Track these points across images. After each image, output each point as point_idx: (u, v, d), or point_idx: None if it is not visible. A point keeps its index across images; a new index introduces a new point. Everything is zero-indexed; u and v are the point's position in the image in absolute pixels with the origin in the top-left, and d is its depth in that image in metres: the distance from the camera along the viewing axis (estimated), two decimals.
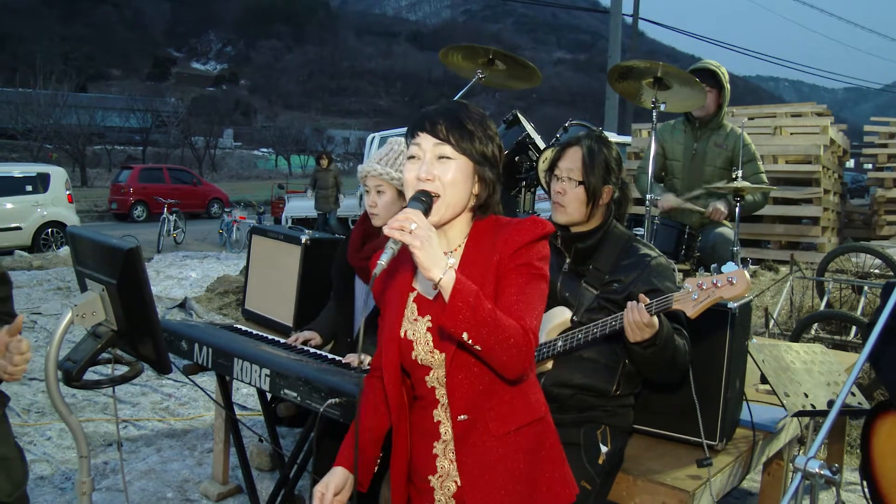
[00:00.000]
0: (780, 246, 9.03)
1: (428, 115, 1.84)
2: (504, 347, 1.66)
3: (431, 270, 1.62)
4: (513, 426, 1.82)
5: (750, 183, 4.28)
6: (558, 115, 35.17)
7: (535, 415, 1.87)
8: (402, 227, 1.64)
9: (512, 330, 1.66)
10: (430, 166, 1.79)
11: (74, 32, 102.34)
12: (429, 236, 1.63)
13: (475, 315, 1.61)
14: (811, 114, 9.98)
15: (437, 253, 1.63)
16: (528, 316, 1.72)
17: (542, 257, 1.80)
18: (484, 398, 1.81)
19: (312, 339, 3.33)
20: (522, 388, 1.85)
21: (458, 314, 1.61)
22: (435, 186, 1.79)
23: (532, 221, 1.81)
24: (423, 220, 1.66)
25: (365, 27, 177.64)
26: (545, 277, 1.81)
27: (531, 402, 1.87)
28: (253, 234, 4.50)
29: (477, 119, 1.84)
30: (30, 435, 4.67)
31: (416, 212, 1.69)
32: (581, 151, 2.61)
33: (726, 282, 2.22)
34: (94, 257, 2.19)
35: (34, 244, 14.96)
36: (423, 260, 1.62)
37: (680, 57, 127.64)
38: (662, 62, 3.94)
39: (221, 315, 8.08)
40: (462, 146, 1.80)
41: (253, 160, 63.11)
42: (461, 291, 1.61)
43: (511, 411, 1.83)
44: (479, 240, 1.86)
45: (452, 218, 1.84)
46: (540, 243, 1.80)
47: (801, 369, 2.99)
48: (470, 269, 1.81)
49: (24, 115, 40.91)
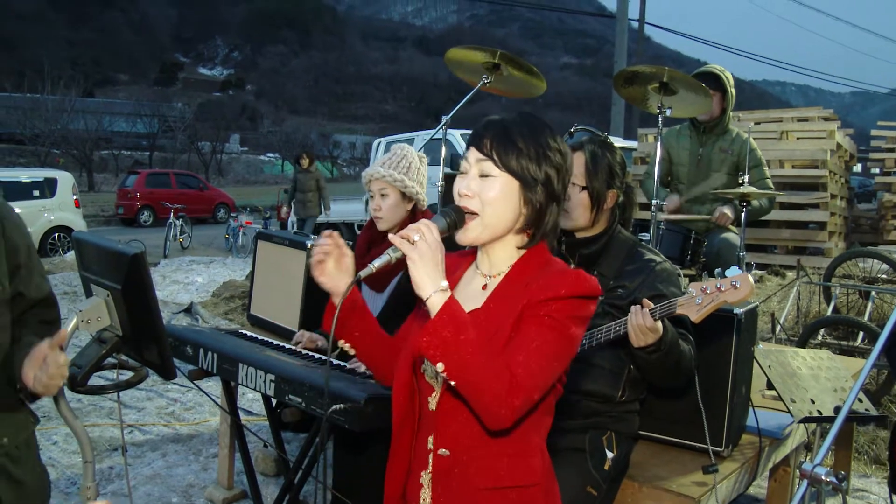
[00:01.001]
0: (787, 251, 9.03)
1: (481, 127, 1.73)
2: (481, 393, 1.52)
3: (421, 287, 1.54)
4: (497, 484, 1.67)
5: (756, 188, 4.27)
6: (564, 119, 35.08)
7: (525, 481, 1.69)
8: (408, 236, 1.56)
9: (497, 378, 1.52)
10: (471, 181, 1.69)
11: (82, 38, 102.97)
12: (429, 252, 1.55)
13: (455, 346, 1.50)
14: (818, 118, 9.97)
15: (433, 271, 1.55)
16: (530, 370, 1.55)
17: (575, 316, 1.63)
18: (471, 441, 1.68)
19: (319, 340, 3.32)
20: (519, 448, 1.69)
21: (435, 341, 1.51)
22: (474, 204, 1.68)
23: (577, 276, 1.65)
24: (432, 235, 1.57)
25: (371, 32, 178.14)
26: (572, 339, 1.63)
27: (525, 467, 1.70)
28: (258, 239, 4.50)
29: (530, 135, 1.69)
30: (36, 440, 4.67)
31: (431, 225, 1.60)
32: (584, 156, 2.59)
33: (730, 286, 2.21)
34: (99, 263, 2.20)
35: (41, 249, 14.98)
36: (415, 275, 1.54)
37: (686, 61, 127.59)
38: (668, 67, 3.94)
39: (227, 320, 8.08)
40: (506, 163, 1.67)
41: (259, 165, 63.22)
42: (446, 316, 1.52)
43: (498, 467, 1.68)
44: (521, 273, 1.72)
45: (492, 240, 1.73)
46: (579, 301, 1.63)
47: (807, 375, 2.98)
48: (500, 301, 1.70)
49: (31, 120, 41.13)
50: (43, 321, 2.14)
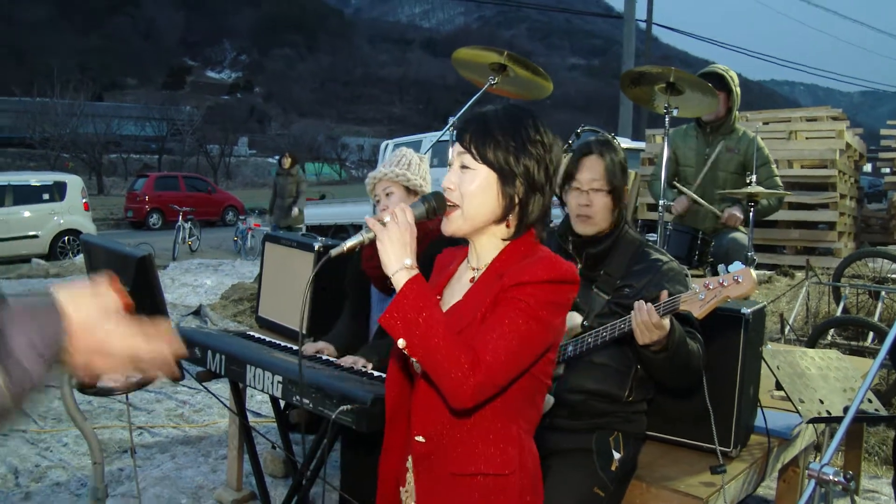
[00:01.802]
0: (796, 251, 9.00)
1: (466, 121, 1.77)
2: (442, 369, 1.54)
3: (387, 266, 1.60)
4: (470, 470, 1.67)
5: (764, 187, 4.26)
6: (572, 120, 35.16)
7: (500, 468, 1.67)
8: (381, 218, 1.63)
9: (457, 357, 1.53)
10: (452, 174, 1.73)
11: (90, 43, 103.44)
12: (398, 233, 1.61)
13: (415, 324, 1.54)
14: (826, 118, 9.93)
15: (399, 251, 1.60)
16: (493, 351, 1.55)
17: (547, 302, 1.62)
18: (444, 426, 1.69)
19: (325, 349, 3.32)
20: (495, 436, 1.68)
21: (398, 315, 1.56)
22: (454, 196, 1.72)
23: (551, 261, 1.67)
24: (404, 217, 1.64)
25: (378, 35, 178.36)
26: (543, 324, 1.62)
27: (499, 454, 1.68)
28: (266, 241, 4.52)
29: (510, 127, 1.70)
30: (46, 441, 4.70)
31: (406, 209, 1.66)
32: (602, 160, 2.58)
33: (732, 281, 2.20)
34: (108, 265, 2.22)
35: (51, 252, 15.06)
36: (381, 254, 1.61)
37: (693, 61, 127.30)
38: (674, 67, 3.93)
39: (236, 322, 8.10)
40: (483, 155, 1.69)
41: (267, 168, 63.24)
42: (409, 294, 1.57)
43: (471, 453, 1.68)
44: (503, 261, 1.73)
45: (473, 231, 1.74)
46: (552, 286, 1.63)
47: (816, 375, 2.97)
48: (478, 291, 1.72)
49: (41, 125, 41.36)
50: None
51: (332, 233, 15.72)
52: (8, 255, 14.35)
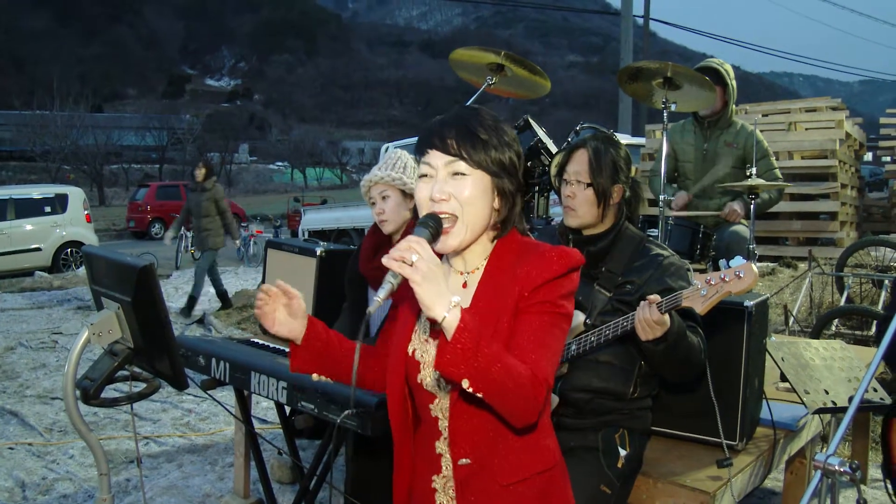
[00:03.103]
0: (799, 242, 8.98)
1: (436, 128, 1.68)
2: (509, 398, 1.51)
3: (433, 309, 1.45)
4: (522, 475, 1.68)
5: (764, 180, 4.25)
6: (572, 118, 35.21)
7: (547, 464, 1.72)
8: (403, 258, 1.47)
9: (520, 379, 1.50)
10: (443, 184, 1.64)
11: (90, 53, 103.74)
12: (431, 270, 1.46)
13: (477, 361, 1.45)
14: (826, 108, 9.91)
15: (440, 288, 1.46)
16: (543, 360, 1.56)
17: (566, 293, 1.64)
18: (491, 443, 1.67)
19: None
20: (534, 434, 1.70)
21: (458, 359, 1.45)
22: (451, 206, 1.63)
23: (559, 254, 1.64)
24: (427, 250, 1.48)
25: (377, 38, 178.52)
26: (567, 316, 1.65)
27: (542, 450, 1.72)
28: (268, 247, 4.52)
29: (490, 125, 1.67)
30: (53, 454, 4.70)
31: (420, 240, 1.50)
32: (587, 153, 2.59)
33: (734, 276, 2.20)
34: (109, 276, 2.22)
35: (54, 264, 15.08)
36: (423, 297, 1.45)
37: (692, 56, 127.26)
38: (671, 62, 3.93)
39: (240, 329, 8.12)
40: (476, 159, 1.63)
41: (269, 174, 63.53)
42: (465, 332, 1.45)
43: (520, 460, 1.68)
44: (499, 262, 1.70)
45: (474, 240, 1.69)
46: (566, 277, 1.63)
47: (820, 366, 2.97)
48: (487, 297, 1.67)
49: (41, 137, 41.49)
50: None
51: (334, 237, 15.73)
52: (11, 269, 14.37)
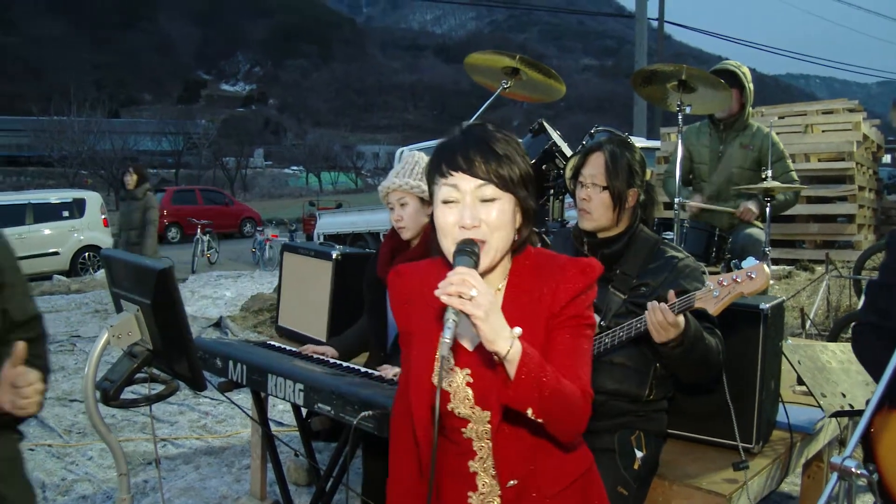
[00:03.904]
0: (816, 245, 8.93)
1: (458, 149, 1.62)
2: (567, 418, 1.57)
3: (496, 343, 1.45)
4: (564, 483, 1.72)
5: (780, 182, 4.24)
6: (586, 122, 35.09)
7: (584, 467, 1.78)
8: (461, 293, 1.43)
9: (574, 398, 1.56)
10: (472, 209, 1.59)
11: (106, 60, 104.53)
12: (491, 303, 1.44)
13: (542, 391, 1.49)
14: (843, 110, 9.84)
15: (501, 322, 1.46)
16: (584, 375, 1.61)
17: (590, 304, 1.68)
18: (532, 457, 1.69)
19: (326, 353, 3.31)
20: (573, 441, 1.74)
21: (527, 392, 1.49)
22: (482, 233, 1.59)
23: (581, 268, 1.66)
24: (482, 284, 1.45)
25: (391, 42, 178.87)
26: (593, 325, 1.71)
27: (578, 454, 1.77)
28: (284, 251, 4.55)
29: (505, 140, 1.65)
30: (71, 455, 4.74)
31: (474, 273, 1.47)
32: (603, 156, 2.59)
33: (746, 277, 2.21)
34: (129, 278, 2.24)
35: (72, 268, 15.19)
36: (487, 332, 1.44)
37: (707, 58, 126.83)
38: (686, 64, 3.93)
39: (256, 333, 8.14)
40: (505, 183, 1.60)
41: (284, 178, 63.76)
42: (528, 365, 1.47)
43: (562, 469, 1.72)
44: (519, 280, 1.69)
45: (498, 263, 1.67)
46: (587, 293, 1.66)
47: (837, 369, 2.96)
48: (514, 318, 1.57)
49: (59, 143, 41.83)
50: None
51: (349, 241, 15.76)
52: (29, 273, 14.44)
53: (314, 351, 3.31)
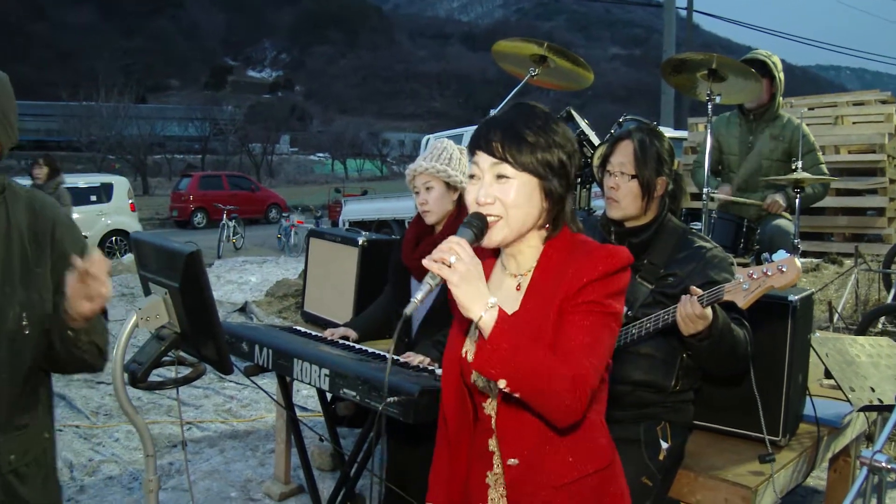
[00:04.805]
0: (844, 238, 8.83)
1: (483, 129, 1.66)
2: (549, 399, 1.52)
3: (470, 310, 1.50)
4: (574, 476, 1.66)
5: (810, 174, 4.20)
6: (614, 111, 34.85)
7: (601, 463, 1.71)
8: (443, 259, 1.50)
9: (560, 380, 1.50)
10: (488, 188, 1.63)
11: (134, 46, 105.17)
12: (468, 271, 1.49)
13: (514, 361, 1.48)
14: (874, 101, 9.70)
15: (478, 290, 1.50)
16: (586, 361, 1.54)
17: (613, 292, 1.61)
18: (539, 443, 1.66)
19: (347, 335, 3.33)
20: (585, 434, 1.68)
21: (494, 360, 1.49)
22: (496, 209, 1.63)
23: (607, 253, 1.62)
24: (466, 251, 1.51)
25: (417, 30, 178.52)
26: (615, 315, 1.63)
27: (596, 449, 1.71)
28: (311, 237, 4.56)
29: (538, 126, 1.64)
30: (98, 437, 4.80)
31: (461, 241, 1.53)
32: (632, 145, 2.57)
33: (777, 270, 2.17)
34: (157, 262, 2.25)
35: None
36: (461, 298, 1.50)
37: (736, 48, 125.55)
38: (717, 53, 3.89)
39: (281, 318, 8.18)
40: (522, 162, 1.62)
41: (309, 165, 63.93)
42: (501, 334, 1.48)
43: (572, 460, 1.67)
44: (549, 263, 1.68)
45: (518, 239, 1.68)
46: (614, 277, 1.61)
47: (866, 363, 2.93)
48: (536, 298, 1.66)
49: (87, 128, 42.18)
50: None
51: (374, 228, 15.78)
52: None
53: (332, 333, 3.33)
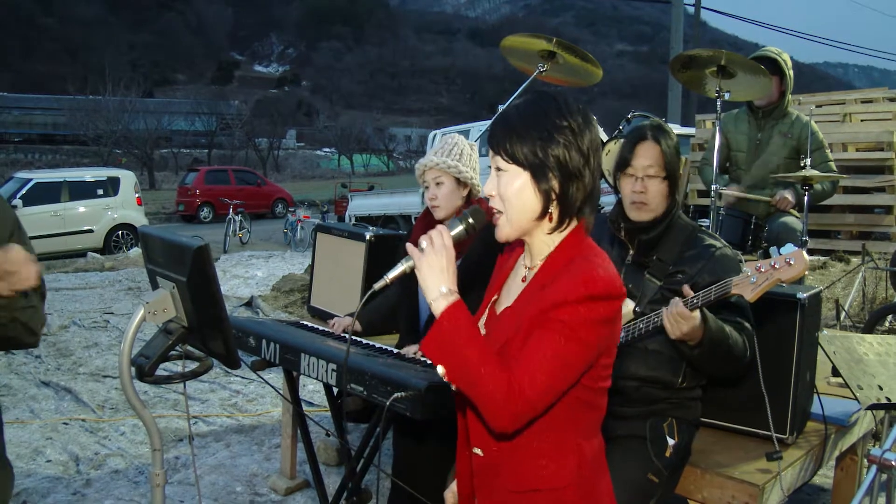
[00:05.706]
0: (852, 236, 8.80)
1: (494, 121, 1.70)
2: (478, 396, 1.52)
3: (427, 294, 1.58)
4: (526, 486, 1.64)
5: (818, 171, 4.18)
6: (621, 107, 34.80)
7: (556, 483, 1.63)
8: (420, 244, 1.59)
9: (493, 384, 1.49)
10: (491, 181, 1.66)
11: (141, 40, 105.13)
12: (433, 259, 1.57)
13: (453, 351, 1.52)
14: (882, 99, 9.67)
15: (438, 278, 1.56)
16: (529, 376, 1.50)
17: (591, 320, 1.53)
18: (499, 443, 1.65)
19: (350, 325, 3.34)
20: (552, 450, 1.63)
21: (434, 345, 1.55)
22: (496, 203, 1.65)
23: (584, 279, 1.55)
24: (441, 240, 1.59)
25: (424, 25, 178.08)
26: (581, 342, 1.53)
27: (555, 469, 1.63)
28: (318, 231, 4.57)
29: (533, 119, 1.61)
30: (104, 430, 4.81)
31: (444, 231, 1.62)
32: (657, 146, 2.53)
33: (784, 263, 2.17)
34: (165, 255, 2.24)
35: (105, 246, 15.38)
36: (420, 281, 1.59)
37: (743, 45, 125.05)
38: (725, 50, 3.88)
39: (287, 313, 8.19)
40: (511, 154, 1.61)
41: (316, 160, 63.97)
42: (447, 321, 1.54)
43: (527, 470, 1.64)
44: (551, 266, 1.65)
45: (521, 234, 1.67)
46: (590, 303, 1.53)
47: (874, 361, 2.91)
48: (528, 299, 1.65)
49: (94, 122, 42.23)
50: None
51: (380, 224, 15.79)
52: (64, 250, 14.68)
53: (335, 323, 3.34)
